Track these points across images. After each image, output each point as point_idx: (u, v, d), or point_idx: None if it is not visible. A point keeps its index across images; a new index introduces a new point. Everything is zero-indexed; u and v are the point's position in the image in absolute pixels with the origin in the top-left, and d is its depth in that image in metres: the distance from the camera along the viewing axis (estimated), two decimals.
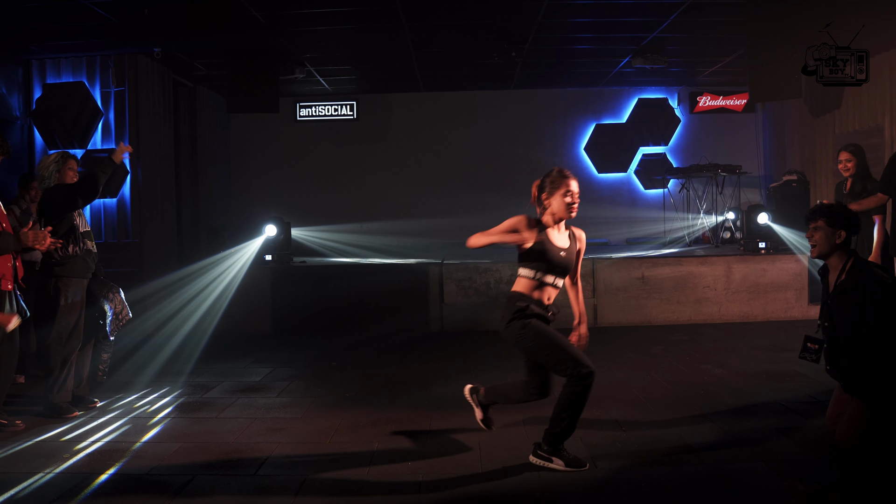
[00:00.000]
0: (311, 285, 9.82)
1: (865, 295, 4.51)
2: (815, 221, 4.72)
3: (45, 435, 5.33)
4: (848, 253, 4.72)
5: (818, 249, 4.75)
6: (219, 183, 12.96)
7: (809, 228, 4.78)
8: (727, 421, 5.38)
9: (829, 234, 4.66)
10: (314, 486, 4.31)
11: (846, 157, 6.93)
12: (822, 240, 4.70)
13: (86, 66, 10.05)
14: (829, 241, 4.68)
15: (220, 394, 6.54)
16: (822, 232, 4.68)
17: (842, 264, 4.70)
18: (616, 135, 13.66)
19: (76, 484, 4.36)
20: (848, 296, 4.60)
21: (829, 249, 4.71)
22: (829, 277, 4.84)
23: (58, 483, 4.40)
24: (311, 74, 11.52)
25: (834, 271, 4.76)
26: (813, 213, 4.77)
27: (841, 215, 4.66)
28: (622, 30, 9.56)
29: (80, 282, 5.89)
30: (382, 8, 8.38)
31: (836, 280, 4.73)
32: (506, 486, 4.30)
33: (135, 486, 4.35)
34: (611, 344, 8.24)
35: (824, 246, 4.71)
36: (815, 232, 4.73)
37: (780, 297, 9.61)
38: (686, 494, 4.09)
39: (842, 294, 4.65)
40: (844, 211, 4.71)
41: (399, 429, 5.38)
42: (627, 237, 13.12)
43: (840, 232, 4.65)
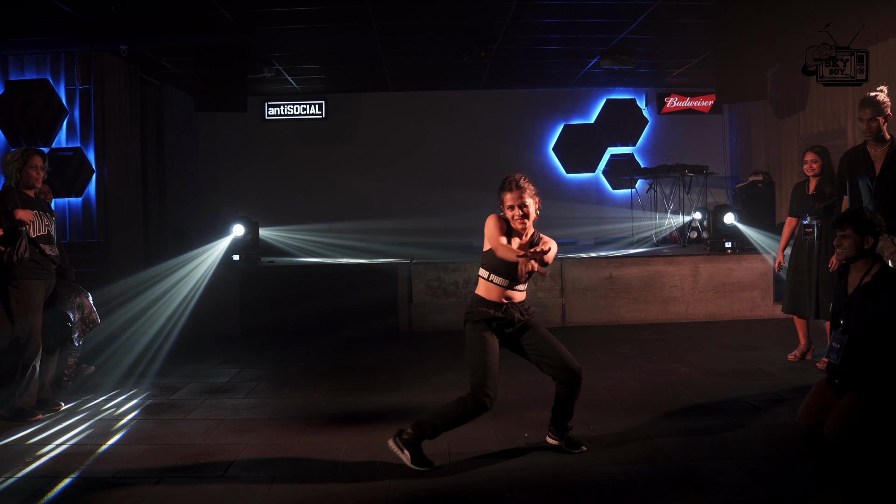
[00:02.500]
0: (279, 286, 9.77)
1: (890, 296, 4.69)
2: (843, 229, 4.87)
3: (8, 439, 5.24)
4: (874, 257, 4.88)
5: (845, 254, 4.90)
6: (186, 182, 12.83)
7: (838, 235, 4.92)
8: (694, 419, 5.44)
9: (857, 241, 4.82)
10: (283, 488, 4.29)
11: (812, 158, 7.02)
12: (850, 246, 4.85)
13: (50, 62, 9.91)
14: (857, 246, 4.84)
15: (188, 395, 6.48)
16: (851, 239, 4.83)
17: (867, 267, 4.87)
18: (584, 135, 13.73)
19: (39, 488, 4.30)
20: (871, 297, 4.77)
21: (857, 254, 4.87)
22: (850, 277, 4.98)
23: (20, 487, 4.33)
24: (279, 73, 11.46)
25: (857, 272, 4.92)
26: (841, 221, 4.91)
27: (869, 223, 4.81)
28: (591, 31, 9.62)
29: (33, 284, 5.73)
30: (352, 7, 8.36)
31: (859, 281, 4.89)
32: (473, 482, 4.32)
33: (100, 489, 4.29)
34: (579, 343, 8.27)
35: (852, 251, 4.86)
36: (843, 239, 4.87)
37: (746, 296, 9.73)
38: (654, 492, 4.12)
39: (865, 295, 4.81)
40: (873, 218, 4.84)
41: (368, 429, 5.37)
42: (595, 237, 13.20)
43: (868, 238, 4.81)
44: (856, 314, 4.83)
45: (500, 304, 4.55)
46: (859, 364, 4.74)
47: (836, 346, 4.94)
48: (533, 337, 4.62)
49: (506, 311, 4.54)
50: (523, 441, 5.02)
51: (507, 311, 4.54)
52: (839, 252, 4.94)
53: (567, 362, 4.57)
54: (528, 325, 4.62)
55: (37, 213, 5.79)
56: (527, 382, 6.28)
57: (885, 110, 5.91)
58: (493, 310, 4.52)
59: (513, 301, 4.57)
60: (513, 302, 4.57)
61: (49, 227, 5.94)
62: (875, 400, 4.62)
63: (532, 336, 4.62)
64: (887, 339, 4.65)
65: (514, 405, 5.85)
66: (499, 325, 4.56)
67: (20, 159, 5.76)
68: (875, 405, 4.61)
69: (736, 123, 13.49)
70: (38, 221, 5.81)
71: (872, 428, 4.59)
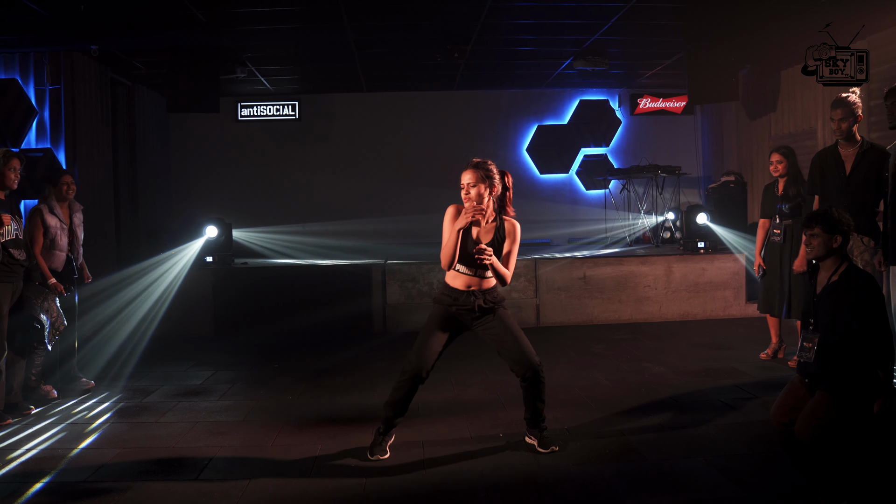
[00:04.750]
0: (252, 287, 9.72)
1: (856, 295, 4.75)
2: (811, 228, 4.92)
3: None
4: (842, 256, 4.93)
5: (815, 253, 4.95)
6: (158, 183, 12.72)
7: (806, 234, 4.97)
8: (668, 418, 5.48)
9: (826, 240, 4.87)
10: (258, 489, 4.27)
11: (777, 159, 7.10)
12: (819, 245, 4.89)
13: (19, 62, 9.76)
14: (825, 245, 4.88)
15: (161, 398, 6.43)
16: (820, 238, 4.88)
17: (835, 267, 4.92)
18: (558, 136, 13.78)
19: (10, 493, 4.25)
20: (838, 296, 4.82)
21: (826, 253, 4.91)
22: (819, 277, 5.04)
23: None
24: (252, 74, 11.39)
25: (826, 271, 4.97)
26: (809, 220, 4.95)
27: (837, 222, 4.85)
28: (564, 32, 9.65)
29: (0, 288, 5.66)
30: (325, 8, 8.33)
31: (827, 280, 4.94)
32: (448, 481, 4.33)
33: (71, 493, 4.25)
34: (553, 343, 8.31)
35: (821, 250, 4.91)
36: (812, 238, 4.92)
37: (719, 295, 9.81)
38: (628, 491, 4.15)
39: (832, 293, 4.87)
40: (840, 217, 4.88)
41: (342, 430, 5.36)
42: (569, 237, 13.24)
43: (836, 237, 4.85)
44: (824, 313, 4.90)
45: (463, 291, 4.63)
46: (828, 363, 4.81)
47: (806, 346, 5.00)
48: (495, 325, 4.69)
49: (467, 298, 4.62)
50: (498, 440, 5.04)
51: (467, 298, 4.62)
52: (808, 251, 4.99)
53: (526, 355, 4.64)
54: (493, 312, 4.68)
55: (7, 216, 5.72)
56: (501, 382, 6.30)
57: (856, 111, 5.99)
58: (454, 296, 4.65)
59: (481, 288, 4.63)
60: (480, 289, 4.63)
61: (18, 231, 5.85)
62: (844, 398, 4.68)
63: (494, 324, 4.69)
64: (855, 338, 4.72)
65: (488, 405, 5.87)
66: (459, 311, 4.66)
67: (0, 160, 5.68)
68: (844, 403, 4.67)
69: (708, 124, 13.61)
70: (5, 228, 5.71)
71: (842, 426, 4.65)
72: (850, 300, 4.75)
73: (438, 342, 4.67)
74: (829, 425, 4.65)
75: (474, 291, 4.62)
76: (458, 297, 4.64)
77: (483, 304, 4.62)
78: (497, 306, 4.69)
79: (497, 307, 4.69)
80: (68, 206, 6.76)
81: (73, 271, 6.69)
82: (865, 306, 4.71)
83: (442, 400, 6.05)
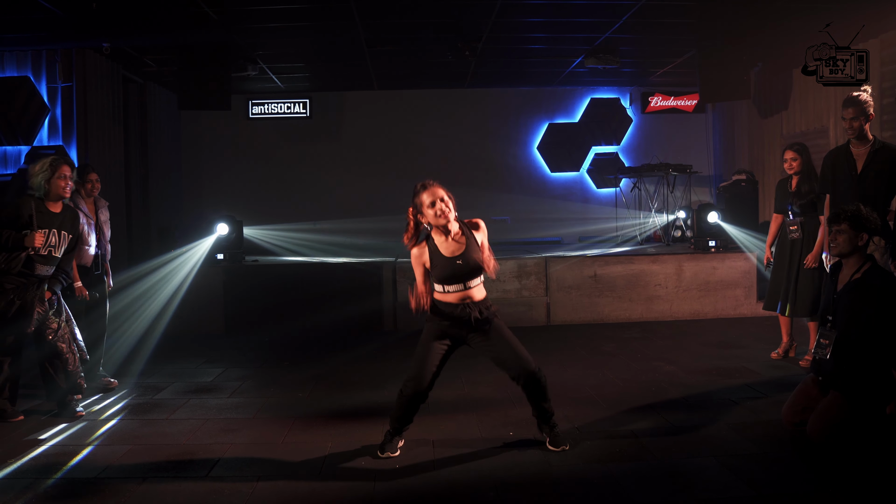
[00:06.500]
0: (263, 285, 9.74)
1: (878, 294, 4.72)
2: (839, 224, 4.89)
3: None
4: (866, 255, 4.91)
5: (839, 250, 4.92)
6: (169, 181, 12.76)
7: (833, 230, 4.95)
8: (678, 417, 5.46)
9: (852, 237, 4.84)
10: (267, 487, 4.28)
11: (791, 156, 7.06)
12: (844, 242, 4.87)
13: (31, 60, 9.82)
14: (851, 242, 4.85)
15: (172, 395, 6.46)
16: (846, 235, 4.85)
17: (859, 265, 4.89)
18: (569, 134, 13.75)
19: (24, 487, 4.28)
20: (860, 293, 4.79)
21: (851, 250, 4.88)
22: (841, 274, 5.01)
23: (4, 487, 4.31)
24: (263, 72, 11.41)
25: (848, 269, 4.94)
26: (837, 216, 4.93)
27: (866, 220, 4.83)
28: (575, 30, 9.63)
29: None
30: (336, 6, 8.33)
31: (849, 278, 4.91)
32: (458, 481, 4.32)
33: (83, 489, 4.27)
34: (564, 342, 8.30)
35: (846, 247, 4.88)
36: (838, 234, 4.89)
37: (730, 294, 9.78)
38: (638, 490, 4.14)
39: (853, 290, 4.84)
40: (868, 215, 4.86)
41: (352, 427, 5.36)
42: (580, 235, 13.21)
43: (862, 234, 4.83)
44: (843, 311, 4.86)
45: (457, 304, 4.60)
46: (845, 362, 4.78)
47: (823, 343, 4.97)
48: (490, 337, 4.66)
49: (463, 310, 4.59)
50: (508, 439, 5.03)
51: (463, 310, 4.59)
52: (833, 247, 4.95)
53: (522, 363, 4.64)
54: (488, 323, 4.64)
55: (53, 232, 5.58)
56: (510, 381, 6.28)
57: (867, 110, 5.95)
58: (448, 310, 4.62)
59: (473, 300, 4.61)
60: (473, 301, 4.61)
61: (53, 248, 5.62)
62: (858, 398, 4.65)
63: (489, 336, 4.66)
64: (873, 338, 4.69)
65: (499, 403, 5.87)
66: (453, 326, 4.63)
67: (49, 170, 5.53)
68: (858, 404, 4.65)
69: (719, 123, 13.56)
70: (47, 241, 5.55)
71: (855, 426, 4.63)
72: (871, 298, 4.72)
73: (435, 361, 4.66)
74: (841, 425, 4.63)
75: (468, 304, 4.60)
76: (452, 310, 4.59)
77: (479, 315, 4.59)
78: (492, 317, 4.67)
79: (492, 318, 4.67)
80: (94, 202, 6.77)
81: (99, 267, 6.71)
82: (887, 306, 4.67)
83: (452, 398, 6.06)
